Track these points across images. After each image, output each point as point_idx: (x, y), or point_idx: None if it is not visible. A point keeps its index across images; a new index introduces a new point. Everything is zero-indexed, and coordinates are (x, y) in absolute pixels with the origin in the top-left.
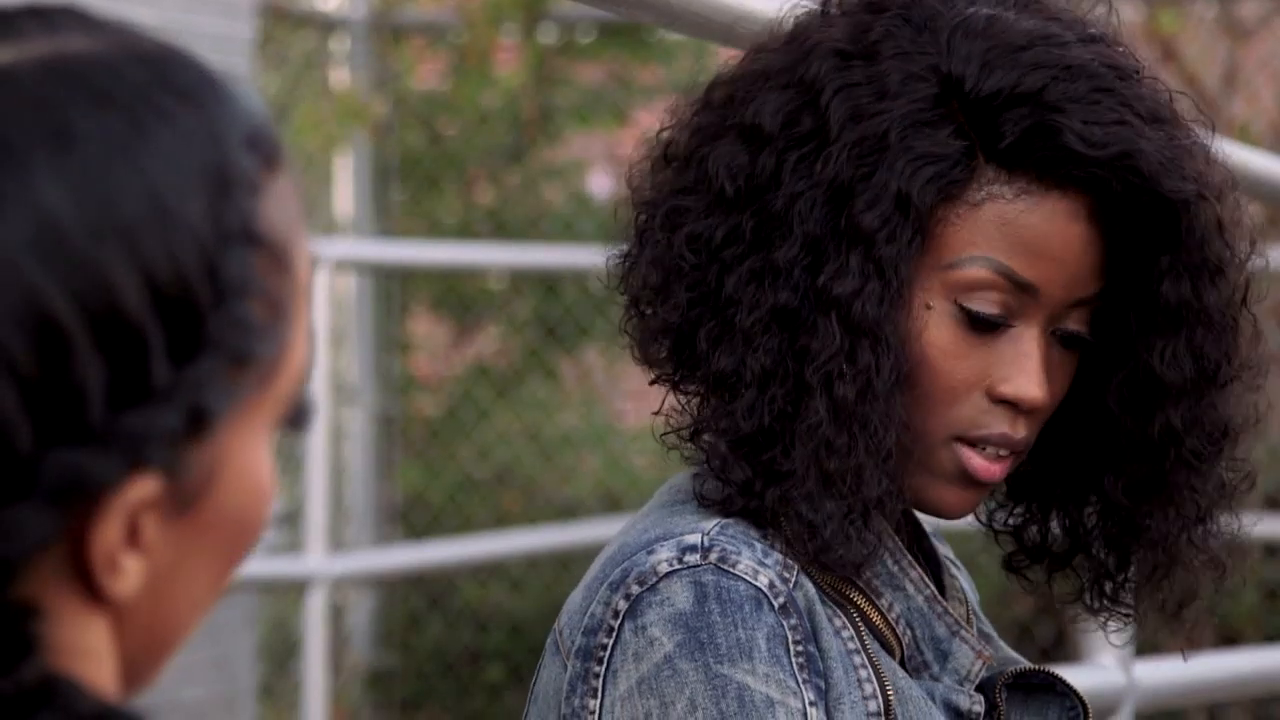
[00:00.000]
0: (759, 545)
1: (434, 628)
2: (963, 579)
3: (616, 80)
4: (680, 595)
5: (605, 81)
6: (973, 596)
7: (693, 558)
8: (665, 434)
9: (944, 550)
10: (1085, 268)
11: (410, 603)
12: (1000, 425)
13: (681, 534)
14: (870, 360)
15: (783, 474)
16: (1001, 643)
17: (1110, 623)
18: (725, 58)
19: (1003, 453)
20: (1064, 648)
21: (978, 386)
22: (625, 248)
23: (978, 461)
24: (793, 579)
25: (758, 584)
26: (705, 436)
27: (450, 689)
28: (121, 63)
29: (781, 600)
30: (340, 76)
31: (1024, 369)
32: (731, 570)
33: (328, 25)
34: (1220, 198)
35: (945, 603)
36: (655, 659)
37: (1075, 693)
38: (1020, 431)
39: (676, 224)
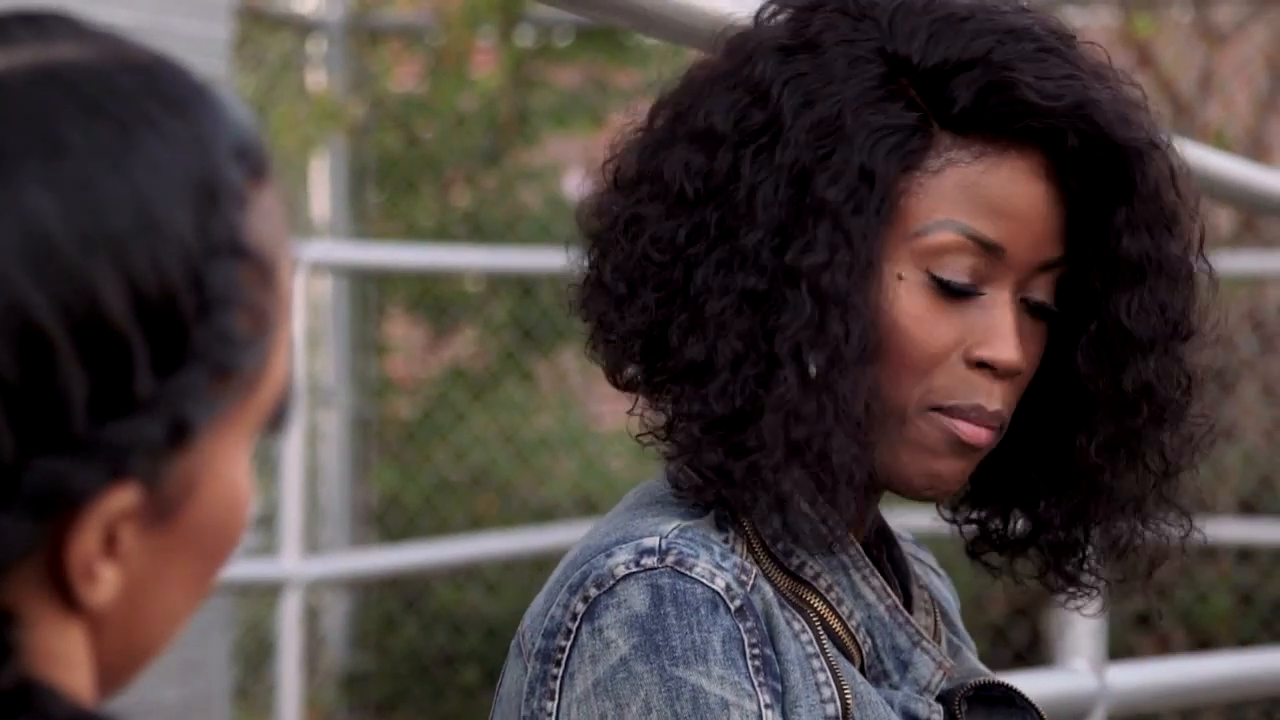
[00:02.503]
0: (717, 548)
1: (409, 630)
2: (942, 587)
3: (594, 83)
4: (637, 598)
5: (582, 84)
6: (952, 605)
7: (650, 560)
8: (640, 435)
9: (924, 558)
10: (1048, 227)
11: (385, 605)
12: (976, 395)
13: (640, 537)
14: (840, 330)
15: (752, 449)
16: (971, 654)
17: (1075, 600)
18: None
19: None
20: (1038, 651)
21: (954, 352)
22: (583, 276)
23: (966, 427)
24: (750, 582)
25: (714, 587)
26: (679, 426)
27: (425, 691)
28: (112, 71)
29: (738, 603)
30: (317, 78)
31: (999, 333)
32: (688, 573)
33: (304, 27)
34: (1168, 149)
35: (908, 613)
36: (611, 661)
37: (1034, 707)
38: (995, 404)
39: (637, 232)
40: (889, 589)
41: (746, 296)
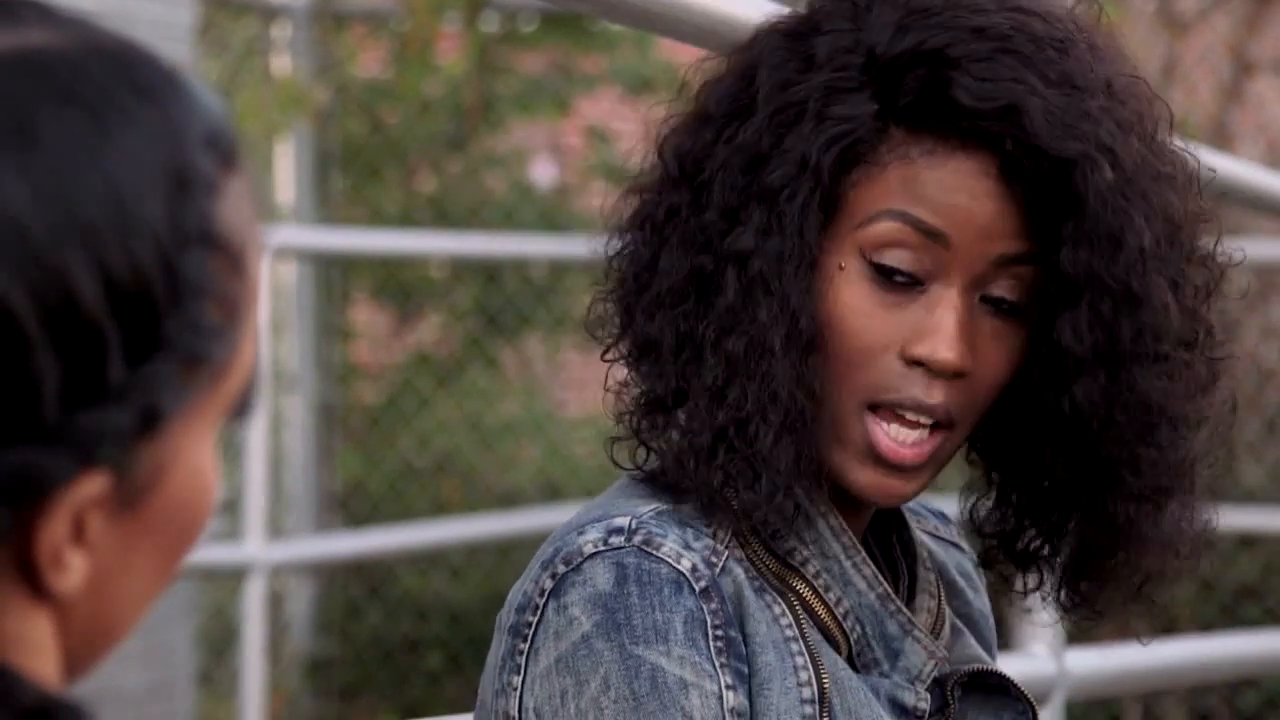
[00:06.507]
0: (691, 530)
1: (373, 616)
2: (964, 561)
3: (558, 69)
4: (601, 576)
5: (547, 70)
6: (969, 580)
7: (617, 539)
8: (621, 413)
9: (945, 533)
10: (1000, 222)
11: (349, 591)
12: (913, 389)
13: (614, 516)
14: (764, 316)
15: (683, 432)
16: (971, 639)
17: (1078, 620)
18: (667, 49)
19: (923, 420)
20: (998, 635)
21: (891, 349)
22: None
23: (885, 441)
24: (720, 564)
25: (680, 567)
26: (626, 405)
27: (389, 677)
28: (84, 58)
29: (703, 584)
30: (282, 63)
31: (939, 330)
32: (654, 553)
33: (269, 12)
34: (1131, 172)
35: (902, 601)
36: (573, 638)
37: (1028, 699)
38: (936, 398)
39: (633, 214)
40: (880, 577)
41: (695, 276)
